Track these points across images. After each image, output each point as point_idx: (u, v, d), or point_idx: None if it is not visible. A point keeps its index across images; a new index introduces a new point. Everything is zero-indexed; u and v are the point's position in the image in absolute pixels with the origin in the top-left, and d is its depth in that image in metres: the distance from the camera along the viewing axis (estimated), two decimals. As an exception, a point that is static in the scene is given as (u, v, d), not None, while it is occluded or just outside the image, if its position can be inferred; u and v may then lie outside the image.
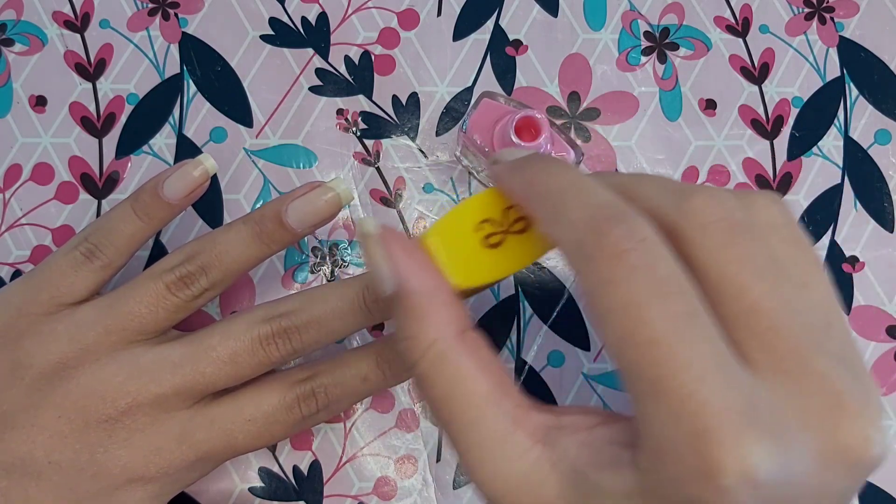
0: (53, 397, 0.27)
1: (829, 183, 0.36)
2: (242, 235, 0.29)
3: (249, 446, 0.28)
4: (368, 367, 0.29)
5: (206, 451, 0.28)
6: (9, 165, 0.35)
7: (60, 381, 0.27)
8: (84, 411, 0.27)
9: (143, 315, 0.28)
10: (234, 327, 0.28)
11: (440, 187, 0.36)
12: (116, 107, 0.36)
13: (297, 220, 0.29)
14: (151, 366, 0.27)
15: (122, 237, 0.29)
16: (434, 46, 0.37)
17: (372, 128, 0.36)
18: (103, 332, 0.27)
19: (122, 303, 0.28)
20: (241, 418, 0.28)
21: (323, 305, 0.28)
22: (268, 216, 0.29)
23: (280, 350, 0.28)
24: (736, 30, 0.37)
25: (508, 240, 0.23)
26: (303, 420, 0.28)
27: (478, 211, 0.23)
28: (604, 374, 0.34)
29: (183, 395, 0.27)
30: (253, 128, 0.36)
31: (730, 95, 0.37)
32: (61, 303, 0.28)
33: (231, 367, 0.27)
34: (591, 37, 0.37)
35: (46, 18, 0.36)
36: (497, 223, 0.23)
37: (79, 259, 0.28)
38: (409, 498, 0.33)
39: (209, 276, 0.28)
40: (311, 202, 0.29)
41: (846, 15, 0.38)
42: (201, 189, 0.30)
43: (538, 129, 0.30)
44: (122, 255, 0.29)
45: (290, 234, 0.29)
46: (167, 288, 0.28)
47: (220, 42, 0.36)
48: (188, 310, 0.28)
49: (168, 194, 0.29)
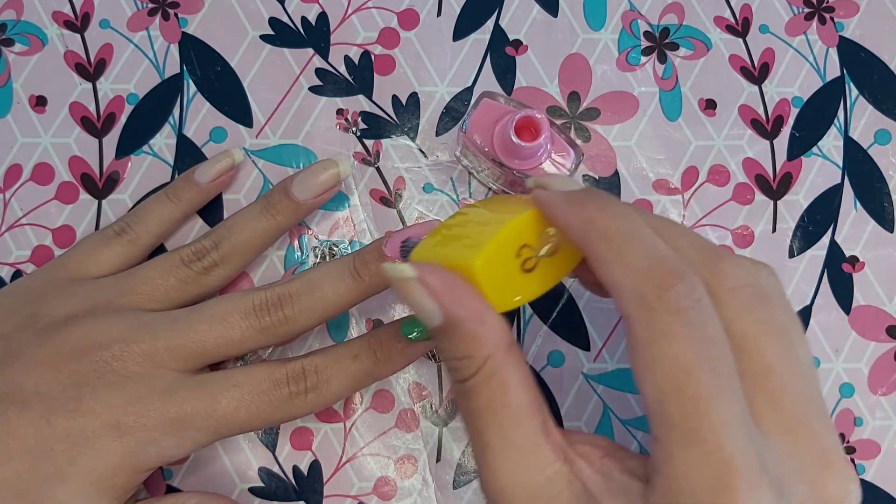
0: (56, 338, 0.28)
1: (829, 183, 0.36)
2: (251, 211, 0.32)
3: (231, 416, 0.28)
4: (360, 347, 0.30)
5: (187, 412, 0.28)
6: (9, 165, 0.35)
7: (66, 325, 0.29)
8: (80, 350, 0.28)
9: (154, 280, 0.30)
10: (230, 295, 0.30)
11: (440, 187, 0.36)
12: (116, 107, 0.36)
13: (300, 189, 0.32)
14: (151, 322, 0.29)
15: (152, 216, 0.32)
16: (434, 46, 0.37)
17: (372, 128, 0.36)
18: (116, 294, 0.30)
19: (140, 269, 0.31)
20: (228, 383, 0.28)
21: (317, 276, 0.30)
22: (275, 190, 0.32)
23: (272, 317, 0.29)
24: (736, 30, 0.37)
25: (541, 264, 0.24)
26: (290, 398, 0.28)
27: (521, 236, 0.23)
28: (603, 374, 0.34)
29: (175, 351, 0.28)
30: (253, 128, 0.36)
31: (730, 95, 0.37)
32: (87, 272, 0.31)
33: (222, 326, 0.29)
34: (591, 37, 0.37)
35: (46, 18, 0.36)
36: (534, 248, 0.23)
37: (110, 235, 0.32)
38: (409, 498, 0.33)
39: (220, 249, 0.31)
40: (314, 174, 0.32)
41: (846, 15, 0.38)
42: (228, 176, 0.34)
43: (538, 129, 0.30)
44: (150, 233, 0.32)
45: (293, 204, 0.32)
46: (181, 259, 0.31)
47: (220, 42, 0.36)
48: (199, 284, 0.31)
49: (198, 178, 0.33)
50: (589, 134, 0.36)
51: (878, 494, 0.34)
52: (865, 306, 0.35)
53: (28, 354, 0.28)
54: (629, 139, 0.36)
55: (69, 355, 0.28)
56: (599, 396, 0.34)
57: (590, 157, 0.36)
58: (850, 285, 0.36)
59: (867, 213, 0.36)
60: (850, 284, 0.36)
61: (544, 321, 0.35)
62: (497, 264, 0.23)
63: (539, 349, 0.34)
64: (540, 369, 0.34)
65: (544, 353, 0.34)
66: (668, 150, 0.36)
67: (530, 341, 0.35)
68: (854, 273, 0.36)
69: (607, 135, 0.36)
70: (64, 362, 0.28)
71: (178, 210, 0.33)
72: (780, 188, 0.36)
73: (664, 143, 0.36)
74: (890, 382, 0.35)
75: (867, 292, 0.35)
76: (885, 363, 0.35)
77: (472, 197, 0.36)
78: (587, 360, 0.34)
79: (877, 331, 0.35)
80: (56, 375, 0.28)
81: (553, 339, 0.35)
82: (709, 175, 0.36)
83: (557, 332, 0.35)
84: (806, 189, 0.36)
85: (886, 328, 0.35)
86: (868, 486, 0.34)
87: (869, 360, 0.35)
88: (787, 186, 0.36)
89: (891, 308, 0.35)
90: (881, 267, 0.36)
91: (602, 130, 0.36)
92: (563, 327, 0.35)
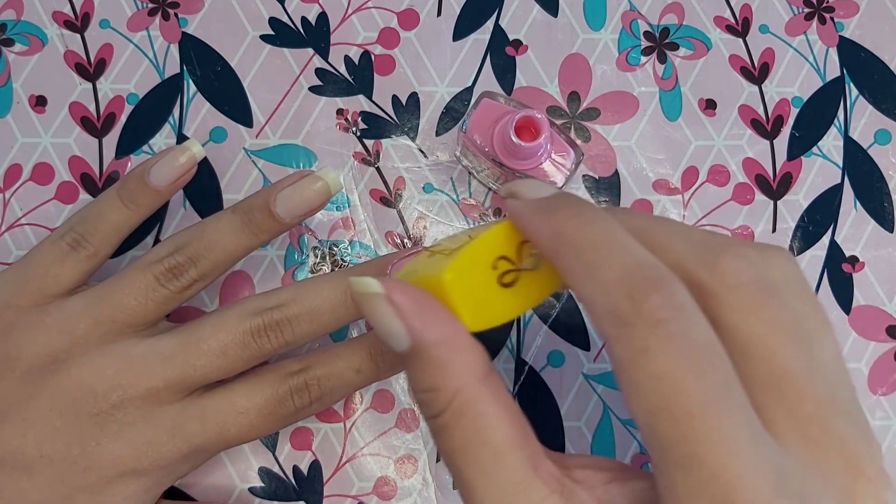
0: (44, 390, 0.27)
1: (829, 183, 0.36)
2: (231, 225, 0.28)
3: (243, 438, 0.28)
4: (362, 359, 0.29)
5: (198, 444, 0.28)
6: (9, 165, 0.35)
7: (51, 374, 0.27)
8: (75, 405, 0.27)
9: (132, 307, 0.27)
10: (225, 319, 0.28)
11: (440, 187, 0.36)
12: (116, 107, 0.36)
13: (285, 209, 0.28)
14: (142, 359, 0.27)
15: (109, 225, 0.29)
16: (434, 46, 0.37)
17: (372, 128, 0.36)
18: (93, 325, 0.27)
19: (112, 295, 0.28)
20: (234, 410, 0.28)
21: (315, 298, 0.28)
22: (256, 206, 0.28)
23: (272, 342, 0.28)
24: (736, 30, 0.37)
25: (522, 277, 0.21)
26: (296, 412, 0.28)
27: (495, 248, 0.21)
28: (603, 374, 0.34)
29: (174, 388, 0.27)
30: (253, 128, 0.36)
31: (730, 95, 0.37)
32: (49, 294, 0.28)
33: (222, 359, 0.27)
34: (591, 37, 0.37)
35: (46, 18, 0.36)
36: (512, 260, 0.21)
37: (65, 249, 0.28)
38: (409, 498, 0.33)
39: (198, 266, 0.28)
40: (299, 191, 0.28)
41: (846, 15, 0.38)
42: (189, 175, 0.29)
43: (538, 129, 0.30)
44: (108, 243, 0.29)
45: (279, 224, 0.29)
46: (156, 279, 0.28)
47: (220, 42, 0.36)
48: (178, 300, 0.28)
49: (155, 181, 0.29)
50: (589, 134, 0.36)
51: (878, 494, 0.34)
52: (865, 306, 0.35)
53: (15, 412, 0.26)
54: (629, 139, 0.36)
55: (66, 411, 0.26)
56: (599, 396, 0.34)
57: (590, 157, 0.36)
58: (849, 285, 0.36)
59: (867, 213, 0.36)
60: (850, 284, 0.36)
61: (544, 321, 0.35)
62: (471, 278, 0.20)
63: (539, 349, 0.34)
64: (540, 369, 0.34)
65: (544, 353, 0.34)
66: (668, 150, 0.36)
67: (530, 341, 0.35)
68: (854, 273, 0.36)
69: (607, 135, 0.36)
70: (61, 419, 0.26)
71: (136, 217, 0.29)
72: (779, 188, 0.36)
73: (664, 143, 0.36)
74: (890, 382, 0.35)
75: (867, 292, 0.35)
76: (885, 363, 0.35)
77: (472, 197, 0.36)
78: (587, 360, 0.34)
79: (877, 331, 0.35)
80: (56, 435, 0.26)
81: (553, 339, 0.35)
82: (709, 175, 0.36)
83: (557, 332, 0.35)
84: (806, 189, 0.36)
85: (886, 328, 0.35)
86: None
87: (869, 361, 0.35)
88: (786, 186, 0.36)
89: (891, 308, 0.35)
90: (881, 267, 0.36)
91: (602, 130, 0.36)
92: (563, 327, 0.35)
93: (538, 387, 0.34)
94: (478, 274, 0.21)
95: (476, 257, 0.21)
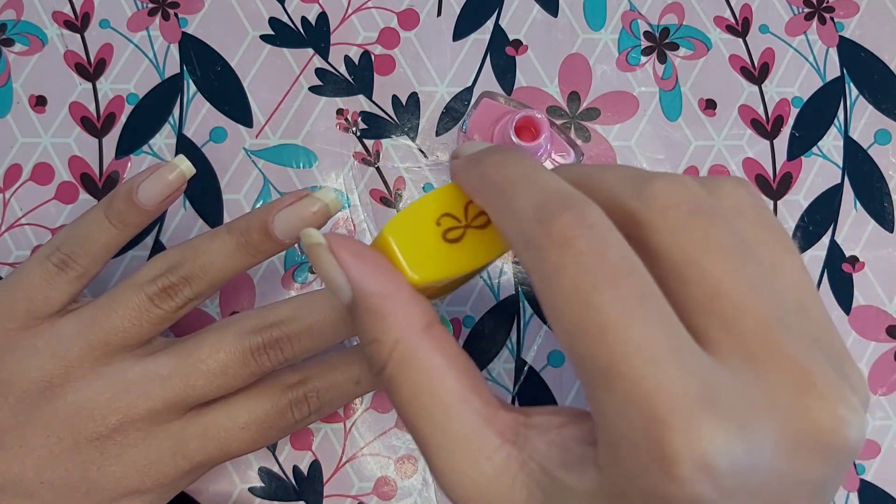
0: (41, 417, 0.26)
1: (829, 183, 0.36)
2: (227, 246, 0.27)
3: (244, 451, 0.28)
4: (361, 371, 0.29)
5: (200, 461, 0.28)
6: (9, 165, 0.35)
7: (46, 399, 0.26)
8: (73, 430, 0.26)
9: (126, 329, 0.27)
10: (224, 338, 0.27)
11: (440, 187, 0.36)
12: (116, 107, 0.36)
13: (284, 231, 0.27)
14: (139, 380, 0.27)
15: (96, 245, 0.28)
16: (434, 46, 0.37)
17: (372, 128, 0.36)
18: (86, 348, 0.27)
19: (104, 316, 0.27)
20: (234, 426, 0.28)
21: (315, 314, 0.28)
22: (254, 227, 0.27)
23: (272, 360, 0.28)
24: (736, 30, 0.37)
25: (469, 234, 0.22)
26: (295, 423, 0.29)
27: (438, 205, 0.22)
28: (604, 374, 0.34)
29: (174, 408, 0.27)
30: (253, 128, 0.36)
31: (730, 95, 0.37)
32: (38, 316, 0.27)
33: (222, 378, 0.27)
34: (591, 37, 0.37)
35: (46, 18, 0.36)
36: (457, 218, 0.22)
37: (52, 270, 0.27)
38: (409, 498, 0.33)
39: (193, 286, 0.27)
40: (298, 213, 0.27)
41: (846, 15, 0.38)
42: (178, 193, 0.28)
43: (538, 129, 0.30)
44: (96, 263, 0.28)
45: (277, 245, 0.28)
46: (150, 300, 0.27)
47: (220, 42, 0.36)
48: (173, 319, 0.28)
49: (143, 200, 0.27)
50: (589, 134, 0.36)
51: (878, 494, 0.34)
52: (865, 306, 0.35)
53: (11, 439, 0.26)
54: (629, 139, 0.36)
55: (64, 437, 0.26)
56: (599, 396, 0.34)
57: (590, 157, 0.36)
58: (850, 285, 0.36)
59: (867, 213, 0.36)
60: (850, 284, 0.36)
61: (544, 321, 0.35)
62: (412, 233, 0.21)
63: (539, 349, 0.34)
64: (540, 369, 0.34)
65: (544, 353, 0.34)
66: (668, 150, 0.36)
67: (530, 341, 0.35)
68: (854, 273, 0.36)
69: (607, 135, 0.36)
70: (60, 445, 0.26)
71: (124, 236, 0.28)
72: (779, 188, 0.36)
73: (664, 143, 0.36)
74: (890, 382, 0.35)
75: (867, 292, 0.35)
76: (885, 363, 0.35)
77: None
78: (587, 360, 0.34)
79: (877, 331, 0.35)
80: (56, 461, 0.26)
81: (553, 339, 0.35)
82: (709, 175, 0.36)
83: (557, 332, 0.35)
84: (806, 189, 0.36)
85: (886, 328, 0.35)
86: (868, 487, 0.34)
87: (869, 361, 0.35)
88: (787, 186, 0.36)
89: (891, 308, 0.35)
90: (881, 267, 0.36)
91: (602, 130, 0.36)
92: (563, 327, 0.35)
93: (538, 387, 0.34)
94: (420, 229, 0.21)
95: (419, 213, 0.22)
